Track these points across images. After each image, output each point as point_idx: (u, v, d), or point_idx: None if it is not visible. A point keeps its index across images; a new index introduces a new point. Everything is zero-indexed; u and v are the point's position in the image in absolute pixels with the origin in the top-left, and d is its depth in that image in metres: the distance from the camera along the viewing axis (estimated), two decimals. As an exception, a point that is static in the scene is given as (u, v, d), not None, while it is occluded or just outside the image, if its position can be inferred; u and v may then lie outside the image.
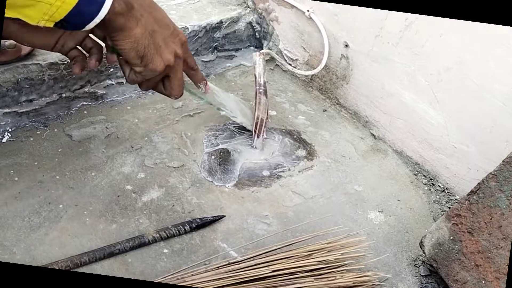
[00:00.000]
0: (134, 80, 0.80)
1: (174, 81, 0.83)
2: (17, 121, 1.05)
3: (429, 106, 1.06)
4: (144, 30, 0.71)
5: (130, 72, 0.78)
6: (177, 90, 0.85)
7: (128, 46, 0.71)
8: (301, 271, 0.81)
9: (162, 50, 0.76)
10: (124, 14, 0.68)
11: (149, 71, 0.76)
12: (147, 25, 0.72)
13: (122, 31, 0.69)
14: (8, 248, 0.83)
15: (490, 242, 0.78)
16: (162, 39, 0.75)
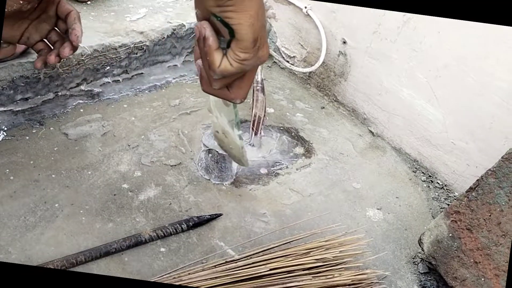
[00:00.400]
0: (228, 70, 0.62)
1: (248, 80, 0.67)
2: (12, 119, 1.04)
3: (427, 103, 1.06)
4: (259, 8, 0.58)
5: (222, 62, 0.61)
6: (245, 93, 0.68)
7: (248, 21, 0.57)
8: (299, 269, 0.80)
9: (266, 39, 0.62)
10: None
11: (256, 59, 0.61)
12: (259, 3, 0.59)
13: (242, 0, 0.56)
14: (3, 248, 0.82)
15: (489, 239, 0.77)
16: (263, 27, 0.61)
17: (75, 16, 0.89)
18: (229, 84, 0.66)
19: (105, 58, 1.13)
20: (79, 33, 0.87)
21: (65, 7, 0.89)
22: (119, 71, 1.18)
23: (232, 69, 0.61)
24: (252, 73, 0.65)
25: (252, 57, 0.60)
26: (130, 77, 1.21)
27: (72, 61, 1.07)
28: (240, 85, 0.66)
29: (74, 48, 0.89)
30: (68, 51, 0.89)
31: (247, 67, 0.62)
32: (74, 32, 0.87)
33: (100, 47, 1.11)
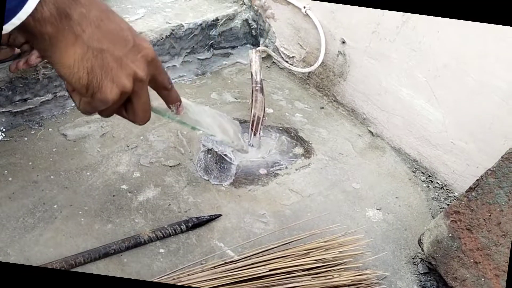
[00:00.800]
0: (87, 111, 0.61)
1: (138, 106, 0.63)
2: (11, 120, 1.04)
3: (427, 103, 1.05)
4: (86, 50, 0.54)
5: (80, 101, 0.60)
6: (141, 117, 0.65)
7: (64, 71, 0.54)
8: (298, 270, 0.80)
9: (115, 74, 0.57)
10: (55, 24, 0.51)
11: (98, 101, 0.58)
12: (90, 42, 0.55)
13: (53, 48, 0.53)
14: (2, 249, 0.82)
15: (489, 239, 0.77)
16: (115, 59, 0.57)
17: None
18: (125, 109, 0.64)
19: (104, 59, 1.13)
20: None
21: None
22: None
23: (88, 109, 0.60)
24: (137, 100, 0.62)
25: (91, 101, 0.58)
26: (129, 78, 1.20)
27: (70, 62, 1.07)
28: (132, 112, 0.64)
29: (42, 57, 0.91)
30: (34, 58, 0.92)
31: (98, 108, 0.59)
32: None
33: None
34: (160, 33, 1.21)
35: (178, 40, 1.25)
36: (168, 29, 1.22)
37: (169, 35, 1.22)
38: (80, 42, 0.54)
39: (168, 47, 1.24)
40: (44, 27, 0.51)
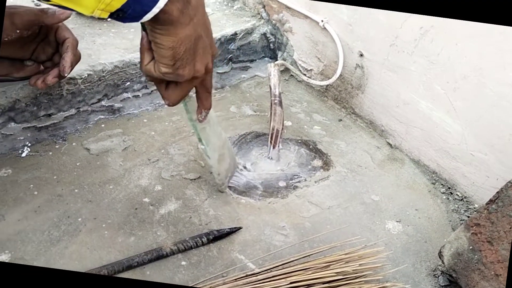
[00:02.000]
0: (151, 73, 0.70)
1: (181, 90, 0.75)
2: (36, 135, 1.07)
3: (446, 115, 1.06)
4: (193, 32, 0.65)
5: (149, 63, 0.69)
6: (175, 100, 0.77)
7: (169, 44, 0.63)
8: (319, 282, 0.81)
9: (198, 59, 0.69)
10: (180, 8, 0.61)
11: (175, 75, 0.68)
12: (196, 27, 0.65)
13: (172, 26, 0.62)
14: (28, 262, 0.83)
15: (510, 252, 0.77)
16: (203, 48, 0.69)
17: (68, 45, 0.94)
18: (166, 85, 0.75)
19: (125, 74, 1.15)
20: (67, 63, 0.93)
21: (62, 34, 0.95)
22: (139, 87, 1.20)
23: (153, 73, 0.69)
24: (185, 86, 0.74)
25: (171, 72, 0.67)
26: (150, 92, 1.23)
27: (93, 78, 1.10)
28: (173, 90, 0.75)
29: (60, 76, 0.94)
30: (51, 78, 0.95)
31: (168, 78, 0.70)
32: (63, 62, 0.93)
33: (121, 63, 1.13)
34: (180, 48, 1.23)
35: (198, 54, 1.27)
36: (188, 44, 1.24)
37: (189, 50, 1.24)
38: (192, 25, 0.64)
39: (188, 62, 1.26)
40: (172, 12, 0.60)
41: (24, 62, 0.97)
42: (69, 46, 0.93)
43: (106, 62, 1.12)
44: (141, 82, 1.19)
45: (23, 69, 0.98)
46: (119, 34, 1.24)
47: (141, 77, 1.18)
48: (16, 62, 0.96)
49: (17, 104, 1.01)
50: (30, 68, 0.98)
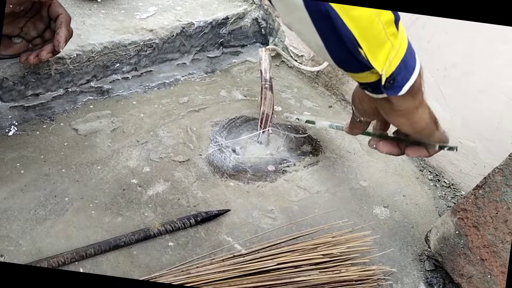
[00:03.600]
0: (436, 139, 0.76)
1: None
2: (23, 114, 1.06)
3: (435, 102, 1.06)
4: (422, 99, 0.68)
5: None
6: None
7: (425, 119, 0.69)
8: (306, 264, 0.81)
9: None
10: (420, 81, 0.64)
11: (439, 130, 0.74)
12: None
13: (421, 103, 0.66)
14: (14, 240, 0.83)
15: (495, 237, 0.78)
16: None
17: (62, 21, 0.93)
18: None
19: (115, 55, 1.14)
20: (61, 38, 0.91)
21: (55, 9, 0.93)
22: (128, 68, 1.19)
23: None
24: None
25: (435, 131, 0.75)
26: (139, 75, 1.22)
27: (82, 58, 1.09)
28: None
29: (54, 52, 0.93)
30: (45, 54, 0.94)
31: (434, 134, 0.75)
32: (57, 38, 0.92)
33: (110, 44, 1.12)
34: (170, 31, 1.22)
35: (188, 38, 1.26)
36: (178, 27, 1.23)
37: (180, 33, 1.24)
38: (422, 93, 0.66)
39: (179, 45, 1.25)
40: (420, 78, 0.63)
41: (12, 39, 0.96)
42: (63, 22, 0.91)
43: (96, 43, 1.11)
44: (131, 64, 1.18)
45: (11, 47, 0.97)
46: (109, 15, 1.22)
47: (131, 59, 1.17)
48: (4, 39, 0.95)
49: (4, 82, 1.00)
50: (18, 45, 0.97)
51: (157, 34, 1.19)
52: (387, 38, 0.56)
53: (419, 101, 0.65)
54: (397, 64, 0.58)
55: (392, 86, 0.60)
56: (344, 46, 0.55)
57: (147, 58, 1.21)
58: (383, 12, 0.55)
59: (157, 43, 1.20)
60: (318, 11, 0.53)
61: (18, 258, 0.80)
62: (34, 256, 0.81)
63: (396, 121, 0.68)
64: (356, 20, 0.54)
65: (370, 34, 0.55)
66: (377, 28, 0.55)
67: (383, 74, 0.57)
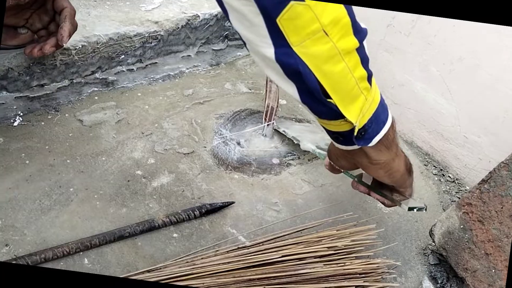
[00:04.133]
0: None
1: None
2: (28, 105, 1.05)
3: (440, 97, 1.06)
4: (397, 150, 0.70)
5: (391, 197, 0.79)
6: None
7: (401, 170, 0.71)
8: (311, 257, 0.81)
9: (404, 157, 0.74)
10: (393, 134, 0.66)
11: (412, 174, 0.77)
12: None
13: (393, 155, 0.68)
14: (19, 230, 0.83)
15: (500, 231, 0.78)
16: None
17: (66, 14, 0.92)
18: None
19: (120, 47, 1.14)
20: (65, 33, 0.91)
21: (60, 3, 0.94)
22: (133, 60, 1.19)
23: None
24: None
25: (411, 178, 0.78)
26: (144, 66, 1.21)
27: (87, 49, 1.08)
28: None
29: (58, 45, 0.92)
30: (48, 47, 0.93)
31: None
32: (60, 32, 0.92)
33: (115, 36, 1.12)
34: (176, 23, 1.21)
35: (194, 30, 1.26)
36: (184, 19, 1.23)
37: (185, 25, 1.23)
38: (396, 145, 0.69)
39: (184, 37, 1.25)
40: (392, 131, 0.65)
41: (18, 29, 0.95)
42: (67, 16, 0.91)
43: (101, 34, 1.10)
44: (136, 56, 1.18)
45: (16, 37, 0.96)
46: (114, 7, 1.22)
47: (136, 51, 1.17)
48: (9, 29, 0.94)
49: (9, 72, 1.00)
50: (24, 36, 0.97)
51: (162, 26, 1.19)
52: (361, 92, 0.58)
53: (394, 152, 0.68)
54: (369, 117, 0.60)
55: (363, 137, 0.62)
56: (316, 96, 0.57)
57: (152, 50, 1.20)
58: (356, 68, 0.57)
59: (162, 35, 1.19)
60: (289, 67, 0.55)
61: (23, 247, 0.80)
62: (39, 246, 0.81)
63: (375, 173, 0.71)
64: (328, 75, 0.55)
65: (341, 88, 0.57)
66: (350, 82, 0.57)
67: (357, 125, 0.60)
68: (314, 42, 0.53)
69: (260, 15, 0.52)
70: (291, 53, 0.54)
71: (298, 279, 0.78)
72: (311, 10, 0.51)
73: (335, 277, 0.80)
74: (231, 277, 0.77)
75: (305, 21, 0.51)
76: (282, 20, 0.51)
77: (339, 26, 0.54)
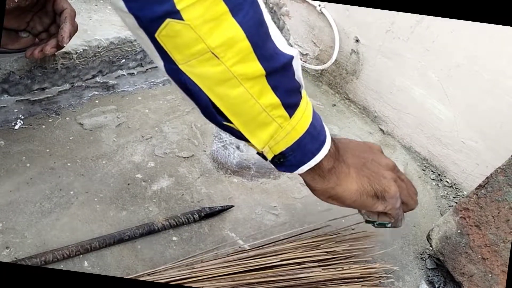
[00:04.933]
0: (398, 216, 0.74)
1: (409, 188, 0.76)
2: (29, 108, 1.06)
3: (438, 102, 1.07)
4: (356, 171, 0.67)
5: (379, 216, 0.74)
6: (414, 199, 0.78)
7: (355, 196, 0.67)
8: (309, 261, 0.82)
9: (379, 172, 0.69)
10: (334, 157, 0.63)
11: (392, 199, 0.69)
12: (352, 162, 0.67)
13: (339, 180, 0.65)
14: (19, 232, 0.83)
15: (497, 236, 0.78)
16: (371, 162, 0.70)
17: (66, 15, 0.93)
18: None
19: (121, 51, 1.15)
20: (65, 33, 0.92)
21: (60, 4, 0.94)
22: (134, 64, 1.19)
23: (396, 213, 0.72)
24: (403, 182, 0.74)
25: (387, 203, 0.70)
26: (145, 70, 1.22)
27: (88, 53, 1.09)
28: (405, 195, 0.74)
29: (58, 46, 0.93)
30: (49, 48, 0.94)
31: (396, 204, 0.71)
32: (61, 33, 0.92)
33: (116, 40, 1.13)
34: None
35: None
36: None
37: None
38: (350, 167, 0.66)
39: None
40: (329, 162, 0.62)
41: (19, 33, 0.96)
42: (67, 17, 0.92)
43: (102, 38, 1.11)
44: (136, 60, 1.19)
45: (17, 41, 0.97)
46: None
47: (136, 55, 1.18)
48: (11, 33, 0.95)
49: (11, 76, 1.00)
50: (25, 39, 0.97)
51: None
52: (272, 119, 0.56)
53: (334, 182, 0.65)
54: (289, 145, 0.58)
55: (283, 164, 0.61)
56: (213, 117, 0.56)
57: (153, 54, 1.21)
58: (263, 95, 0.55)
59: (163, 39, 1.20)
60: (178, 83, 0.53)
61: (24, 250, 0.81)
62: (39, 248, 0.81)
63: (319, 198, 0.70)
64: (223, 97, 0.53)
65: (243, 112, 0.55)
66: (254, 108, 0.55)
67: (265, 151, 0.59)
68: (201, 62, 0.50)
69: (141, 28, 0.50)
70: (178, 70, 0.51)
71: (297, 283, 0.79)
72: (192, 30, 0.48)
73: (334, 281, 0.81)
74: (230, 281, 0.77)
75: (186, 41, 0.49)
76: (161, 36, 0.49)
77: (234, 50, 0.51)
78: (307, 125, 0.59)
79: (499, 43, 0.92)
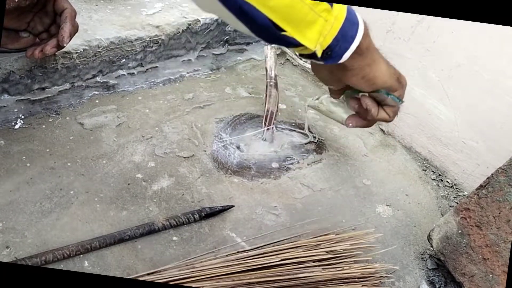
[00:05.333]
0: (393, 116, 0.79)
1: None
2: (29, 108, 1.06)
3: (439, 102, 1.07)
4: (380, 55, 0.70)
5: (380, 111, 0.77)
6: None
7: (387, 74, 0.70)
8: (310, 260, 0.81)
9: None
10: (367, 34, 0.65)
11: (405, 82, 0.75)
12: None
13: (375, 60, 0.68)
14: (20, 232, 0.83)
15: (498, 236, 0.78)
16: None
17: (67, 15, 0.93)
18: None
19: (121, 51, 1.15)
20: (65, 33, 0.92)
21: (60, 4, 0.94)
22: (134, 64, 1.19)
23: None
24: None
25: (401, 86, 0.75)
26: (145, 70, 1.22)
27: (89, 53, 1.09)
28: None
29: (59, 46, 0.93)
30: (49, 48, 0.94)
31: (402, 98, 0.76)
32: (61, 32, 0.92)
33: (117, 40, 1.13)
34: (176, 27, 1.22)
35: (194, 34, 1.27)
36: (184, 24, 1.24)
37: (186, 30, 1.24)
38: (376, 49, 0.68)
39: (184, 41, 1.25)
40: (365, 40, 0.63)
41: (20, 33, 0.96)
42: (67, 17, 0.92)
43: (102, 38, 1.11)
44: (137, 59, 1.19)
45: (18, 41, 0.97)
46: (116, 11, 1.23)
47: (137, 55, 1.18)
48: (11, 33, 0.95)
49: (11, 76, 1.00)
50: (26, 39, 0.97)
51: (163, 31, 1.20)
52: (318, 15, 0.58)
53: (370, 58, 0.67)
54: (334, 36, 0.60)
55: (331, 56, 0.62)
56: (270, 31, 0.58)
57: (153, 54, 1.21)
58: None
59: (163, 39, 1.20)
60: (234, 6, 0.56)
61: (24, 250, 0.81)
62: (40, 248, 0.81)
63: (351, 80, 0.69)
64: (274, 9, 0.56)
65: (294, 18, 0.57)
66: (302, 10, 0.57)
67: (317, 49, 0.60)
68: None
69: None
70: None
71: (297, 283, 0.79)
72: None
73: (334, 281, 0.81)
74: (230, 281, 0.77)
75: None
76: None
77: None
78: (345, 12, 0.61)
79: (499, 43, 0.92)
